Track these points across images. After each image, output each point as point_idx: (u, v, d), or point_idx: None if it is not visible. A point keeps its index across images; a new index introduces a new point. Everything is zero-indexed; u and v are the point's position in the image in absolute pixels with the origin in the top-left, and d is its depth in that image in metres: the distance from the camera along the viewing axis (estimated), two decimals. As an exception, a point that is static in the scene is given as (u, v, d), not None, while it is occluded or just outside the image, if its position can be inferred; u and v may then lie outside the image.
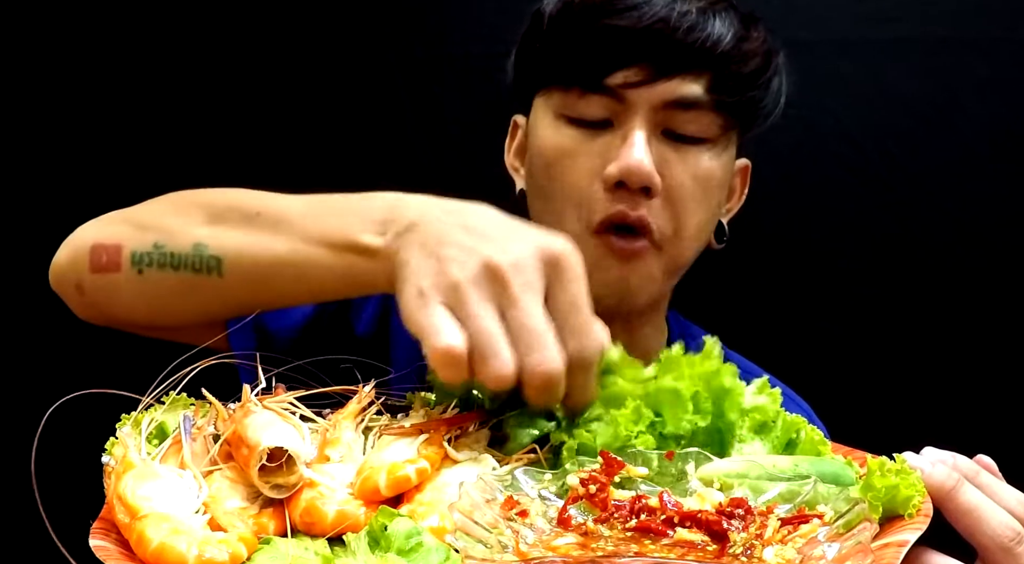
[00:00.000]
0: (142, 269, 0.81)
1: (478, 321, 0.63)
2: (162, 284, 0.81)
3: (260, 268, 0.77)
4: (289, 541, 0.64)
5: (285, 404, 0.74)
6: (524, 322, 0.63)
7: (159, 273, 0.81)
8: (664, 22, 0.91)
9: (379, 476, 0.66)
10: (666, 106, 0.93)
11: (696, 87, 0.92)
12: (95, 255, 0.84)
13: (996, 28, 1.35)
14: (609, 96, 0.93)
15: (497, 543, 0.57)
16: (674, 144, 0.94)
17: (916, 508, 0.61)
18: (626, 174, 0.91)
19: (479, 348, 0.62)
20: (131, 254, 0.82)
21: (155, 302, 0.83)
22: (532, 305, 0.64)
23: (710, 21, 0.92)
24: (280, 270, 0.77)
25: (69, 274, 0.87)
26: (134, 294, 0.83)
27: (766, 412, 0.70)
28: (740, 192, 1.09)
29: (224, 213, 0.81)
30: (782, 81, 1.01)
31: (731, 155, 0.99)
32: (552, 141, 0.97)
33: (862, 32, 1.37)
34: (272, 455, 0.66)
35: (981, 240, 1.39)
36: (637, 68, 0.92)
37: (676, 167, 0.94)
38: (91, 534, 0.62)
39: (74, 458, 0.88)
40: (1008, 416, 1.40)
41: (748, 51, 0.95)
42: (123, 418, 0.72)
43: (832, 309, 1.43)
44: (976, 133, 1.37)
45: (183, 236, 0.80)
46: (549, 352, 0.63)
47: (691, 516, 0.59)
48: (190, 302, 0.81)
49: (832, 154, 1.40)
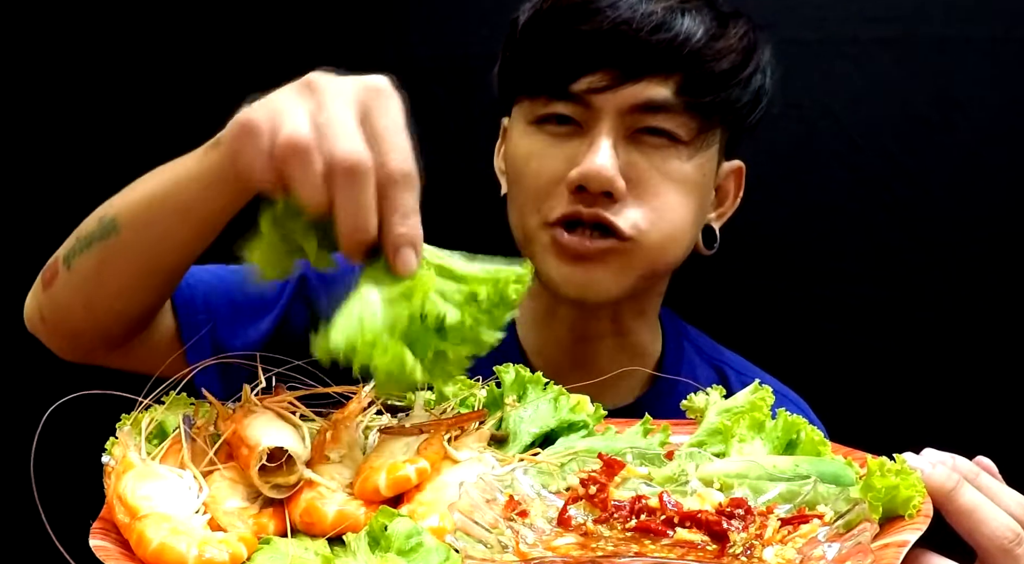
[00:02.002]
0: (71, 264, 0.84)
1: (288, 116, 0.63)
2: (85, 268, 0.82)
3: (146, 209, 0.79)
4: (289, 541, 0.64)
5: (285, 404, 0.74)
6: (331, 119, 0.63)
7: (80, 259, 0.83)
8: (627, 24, 0.89)
9: (379, 476, 0.66)
10: (633, 110, 0.91)
11: (664, 89, 0.91)
12: (44, 276, 0.88)
13: (996, 28, 1.35)
14: (575, 102, 0.92)
15: (497, 543, 0.57)
16: (644, 147, 0.93)
17: (916, 509, 0.61)
18: (586, 178, 0.90)
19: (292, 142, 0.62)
20: (63, 257, 0.85)
21: (85, 290, 0.83)
22: (342, 109, 0.63)
23: (678, 20, 0.90)
24: (161, 204, 0.77)
25: (33, 306, 0.91)
26: (71, 292, 0.84)
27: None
28: (734, 195, 1.07)
29: (128, 185, 0.83)
30: (766, 78, 0.98)
31: (710, 156, 0.97)
32: (523, 147, 0.97)
33: (862, 32, 1.37)
34: (272, 455, 0.66)
35: (981, 240, 1.39)
36: (602, 73, 0.90)
37: (646, 170, 0.92)
38: (91, 534, 0.62)
39: (74, 458, 0.88)
40: (1008, 417, 1.40)
41: (721, 49, 0.92)
42: (123, 418, 0.72)
43: (832, 309, 1.43)
44: (976, 133, 1.37)
45: (94, 218, 0.83)
46: (354, 142, 0.62)
47: (691, 516, 0.59)
48: (107, 275, 0.82)
49: (832, 154, 1.40)
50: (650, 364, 1.07)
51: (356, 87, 0.65)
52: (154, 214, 0.78)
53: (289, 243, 0.69)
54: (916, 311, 1.41)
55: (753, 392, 0.77)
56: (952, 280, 1.40)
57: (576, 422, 0.77)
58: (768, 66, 0.98)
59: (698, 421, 0.78)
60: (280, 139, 0.62)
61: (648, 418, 0.78)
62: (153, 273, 0.83)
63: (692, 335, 1.14)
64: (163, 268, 0.82)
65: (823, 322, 1.43)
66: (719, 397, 0.79)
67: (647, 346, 1.08)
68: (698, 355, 1.11)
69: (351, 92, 0.65)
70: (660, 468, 0.68)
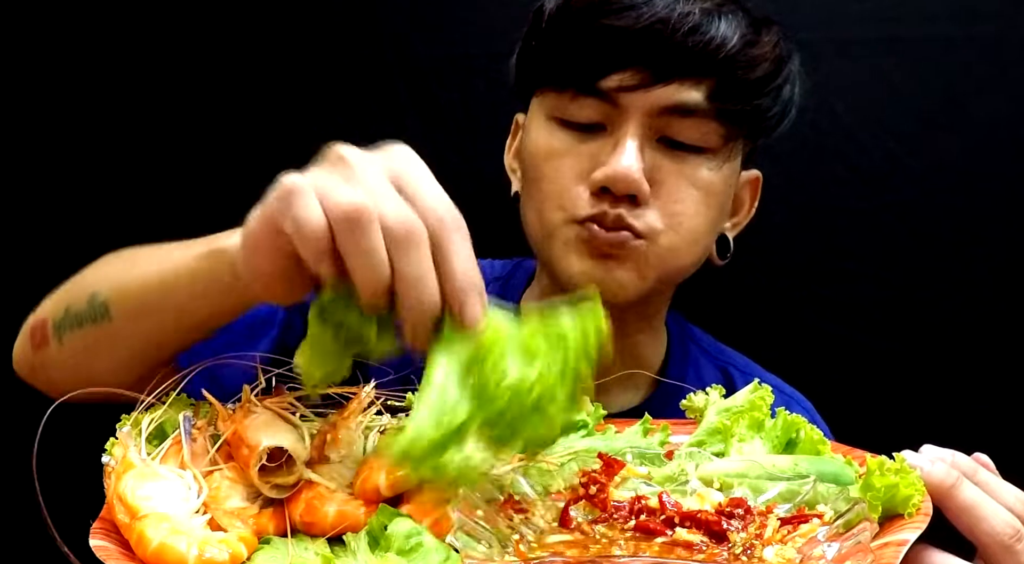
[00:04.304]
0: (61, 337, 0.83)
1: (335, 186, 0.58)
2: (77, 346, 0.81)
3: (138, 303, 0.78)
4: (289, 541, 0.64)
5: (285, 404, 0.74)
6: (374, 189, 0.58)
7: (71, 335, 0.82)
8: (664, 23, 0.86)
9: (379, 476, 0.66)
10: (663, 112, 0.88)
11: (696, 93, 0.88)
12: (32, 335, 0.86)
13: (996, 28, 1.35)
14: (603, 100, 0.89)
15: (497, 543, 0.57)
16: (671, 152, 0.90)
17: (916, 507, 0.61)
18: (611, 181, 0.87)
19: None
20: (52, 325, 0.84)
21: (78, 367, 0.82)
22: (379, 177, 0.59)
23: (714, 23, 0.87)
24: (157, 301, 0.76)
25: (21, 357, 0.90)
26: (64, 364, 0.83)
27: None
28: (749, 205, 1.04)
29: (119, 261, 0.83)
30: (794, 89, 0.95)
31: (734, 166, 0.94)
32: (543, 142, 0.94)
33: (862, 32, 1.37)
34: (272, 455, 0.66)
35: (983, 240, 1.39)
36: (633, 71, 0.87)
37: (671, 176, 0.90)
38: (91, 534, 0.62)
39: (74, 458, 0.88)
40: (1009, 417, 1.39)
41: (756, 56, 0.89)
42: (123, 418, 0.72)
43: (833, 309, 1.43)
44: (977, 133, 1.37)
45: (82, 293, 0.82)
46: (401, 207, 0.58)
47: (691, 516, 0.60)
48: (101, 356, 0.80)
49: (833, 153, 1.40)
50: (650, 371, 1.05)
51: (380, 156, 0.61)
52: (147, 309, 0.77)
53: (340, 338, 0.63)
54: (918, 311, 1.41)
55: (752, 391, 0.77)
56: (954, 280, 1.40)
57: (576, 422, 0.77)
58: (796, 77, 0.96)
59: (698, 421, 0.78)
60: (339, 207, 0.56)
61: (648, 418, 0.78)
62: (149, 357, 0.81)
63: (697, 336, 1.13)
64: (160, 354, 0.81)
65: (823, 322, 1.43)
66: (719, 396, 0.79)
67: (649, 356, 1.06)
68: (703, 356, 1.11)
69: (379, 160, 0.61)
70: (660, 468, 0.68)
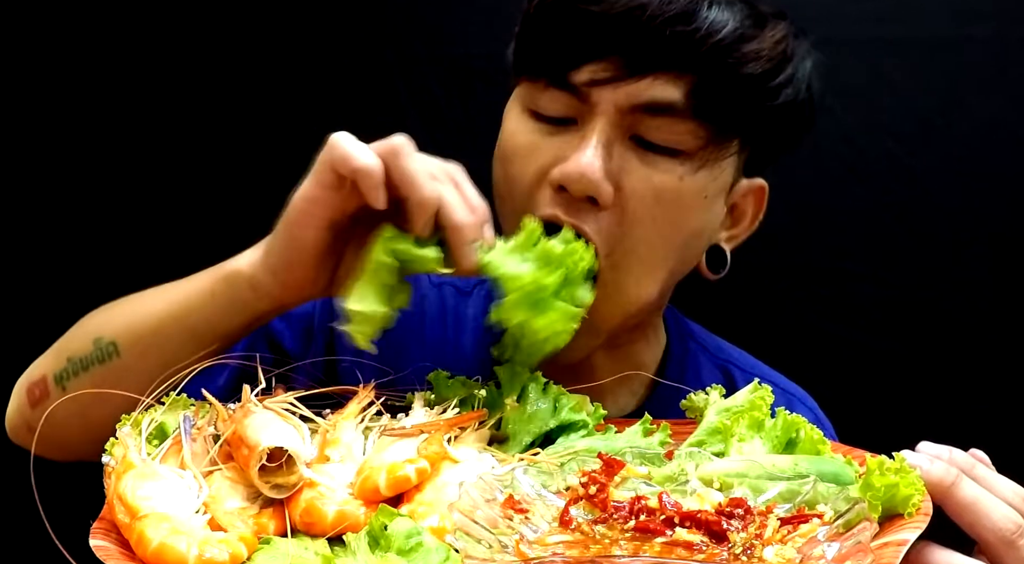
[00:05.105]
0: (65, 386, 0.84)
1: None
2: (83, 389, 0.82)
3: (152, 333, 0.81)
4: (289, 541, 0.64)
5: (285, 404, 0.74)
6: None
7: (78, 382, 0.83)
8: (642, 9, 0.77)
9: (379, 476, 0.66)
10: (635, 109, 0.80)
11: (673, 90, 0.79)
12: (30, 392, 0.88)
13: (996, 28, 1.35)
14: (572, 93, 0.81)
15: (497, 543, 0.57)
16: (642, 152, 0.81)
17: (915, 507, 0.61)
18: (567, 180, 0.79)
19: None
20: (53, 377, 0.85)
21: (84, 413, 0.82)
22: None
23: (703, 12, 0.78)
24: (166, 323, 0.80)
25: (17, 419, 0.91)
26: (68, 414, 0.82)
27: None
28: (752, 217, 0.95)
29: (117, 306, 0.87)
30: (800, 92, 0.86)
31: (719, 172, 0.84)
32: (512, 134, 0.87)
33: (862, 32, 1.37)
34: (272, 455, 0.66)
35: (982, 239, 1.39)
36: (606, 63, 0.79)
37: (637, 179, 0.81)
38: (91, 534, 0.62)
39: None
40: (1009, 417, 1.40)
41: (748, 52, 0.80)
42: (123, 418, 0.72)
43: (833, 309, 1.43)
44: (977, 133, 1.37)
45: (85, 341, 0.84)
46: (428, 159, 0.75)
47: (691, 516, 0.59)
48: (107, 398, 0.79)
49: (833, 153, 1.40)
50: (647, 373, 1.01)
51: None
52: (160, 338, 0.80)
53: (396, 270, 0.74)
54: (918, 311, 1.41)
55: (752, 391, 0.77)
56: (953, 280, 1.40)
57: (576, 422, 0.77)
58: (807, 80, 0.87)
59: (698, 420, 0.78)
60: (386, 143, 0.73)
61: (648, 418, 0.78)
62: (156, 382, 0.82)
63: (696, 333, 1.11)
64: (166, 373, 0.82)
65: (823, 322, 1.43)
66: (719, 396, 0.79)
67: (646, 361, 1.01)
68: (703, 354, 1.09)
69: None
70: (660, 468, 0.68)
